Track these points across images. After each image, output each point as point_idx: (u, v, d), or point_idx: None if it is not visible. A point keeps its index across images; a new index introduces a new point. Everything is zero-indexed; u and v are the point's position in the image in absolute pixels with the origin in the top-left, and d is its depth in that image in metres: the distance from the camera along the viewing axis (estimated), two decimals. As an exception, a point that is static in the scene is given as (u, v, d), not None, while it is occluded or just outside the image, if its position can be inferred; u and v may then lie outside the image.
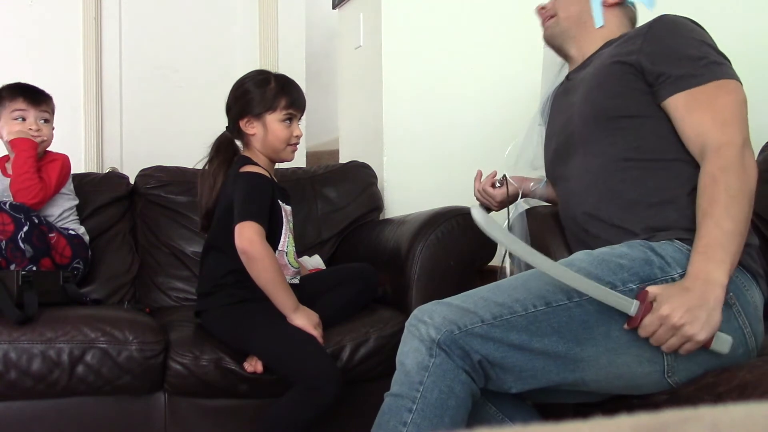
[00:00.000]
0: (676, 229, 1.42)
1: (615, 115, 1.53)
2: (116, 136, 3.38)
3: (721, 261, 1.29)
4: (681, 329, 1.26)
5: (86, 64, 3.30)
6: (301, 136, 2.02)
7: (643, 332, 1.29)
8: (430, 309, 1.35)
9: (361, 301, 2.08)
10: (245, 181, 1.89)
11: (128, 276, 2.38)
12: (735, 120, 1.40)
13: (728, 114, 1.41)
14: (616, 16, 1.71)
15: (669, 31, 1.51)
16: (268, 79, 1.99)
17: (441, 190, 2.54)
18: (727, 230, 1.30)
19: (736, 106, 1.42)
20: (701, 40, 1.50)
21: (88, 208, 2.40)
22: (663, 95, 1.48)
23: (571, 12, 1.72)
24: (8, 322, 1.80)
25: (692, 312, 1.25)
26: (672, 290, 1.28)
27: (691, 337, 1.26)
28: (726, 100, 1.42)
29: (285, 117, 1.97)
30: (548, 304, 1.33)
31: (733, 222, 1.31)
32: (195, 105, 3.37)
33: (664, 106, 1.48)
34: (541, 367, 1.33)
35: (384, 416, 1.34)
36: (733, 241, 1.30)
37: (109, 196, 2.45)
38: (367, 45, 2.79)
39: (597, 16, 1.70)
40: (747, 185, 1.34)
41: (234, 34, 3.57)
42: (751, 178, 1.35)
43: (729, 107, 1.41)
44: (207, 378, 1.85)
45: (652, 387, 1.38)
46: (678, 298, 1.26)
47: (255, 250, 1.79)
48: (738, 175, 1.34)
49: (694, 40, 1.49)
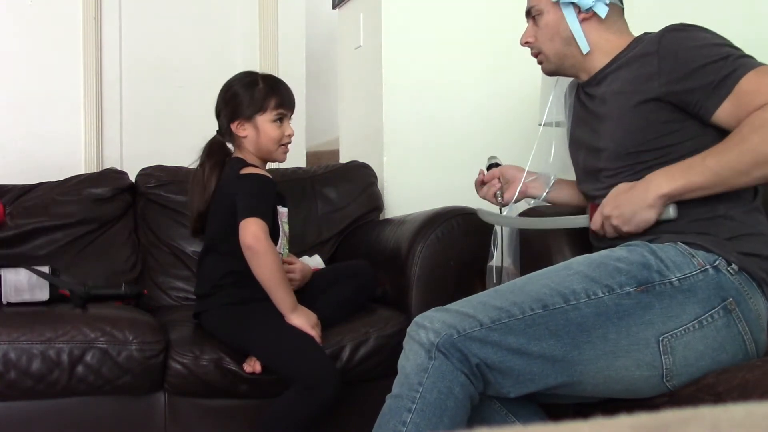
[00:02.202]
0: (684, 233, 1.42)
1: (645, 149, 1.49)
2: (116, 136, 3.37)
3: (675, 178, 1.37)
4: (609, 220, 1.45)
5: (86, 64, 3.29)
6: (293, 135, 2.01)
7: (594, 226, 1.49)
8: (431, 315, 1.37)
9: (358, 299, 2.08)
10: (251, 181, 1.90)
11: (131, 275, 2.37)
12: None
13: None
14: (604, 27, 1.61)
15: (681, 43, 1.46)
16: (255, 80, 1.99)
17: (441, 190, 2.54)
18: (707, 165, 1.35)
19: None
20: (714, 43, 1.45)
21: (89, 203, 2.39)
22: (709, 110, 1.42)
23: (556, 48, 1.64)
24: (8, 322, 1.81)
25: (620, 207, 1.43)
26: (618, 189, 1.43)
27: (616, 228, 1.44)
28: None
29: (276, 117, 1.96)
30: (545, 308, 1.34)
31: (719, 163, 1.34)
32: (195, 105, 3.37)
33: (715, 120, 1.43)
34: (539, 371, 1.34)
35: (384, 417, 1.36)
36: (704, 173, 1.35)
37: (110, 190, 2.45)
38: (367, 45, 2.79)
39: (582, 42, 1.61)
40: (763, 148, 1.32)
41: (234, 34, 3.57)
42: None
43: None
44: (207, 378, 1.85)
45: (650, 391, 1.38)
46: (615, 197, 1.43)
47: (259, 245, 1.80)
48: (762, 136, 1.32)
49: (709, 45, 1.44)
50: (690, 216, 1.43)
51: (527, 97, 2.53)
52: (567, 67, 1.66)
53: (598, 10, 1.59)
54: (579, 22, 1.60)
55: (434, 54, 2.69)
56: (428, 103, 2.68)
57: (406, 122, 2.67)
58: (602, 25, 1.61)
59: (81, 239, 2.37)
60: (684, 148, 1.45)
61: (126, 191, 2.48)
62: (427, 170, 2.67)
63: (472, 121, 2.71)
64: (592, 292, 1.35)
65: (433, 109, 2.69)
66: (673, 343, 1.33)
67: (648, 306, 1.34)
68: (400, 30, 2.67)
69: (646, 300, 1.34)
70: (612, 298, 1.34)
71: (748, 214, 1.46)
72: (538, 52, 1.68)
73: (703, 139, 1.44)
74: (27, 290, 2.00)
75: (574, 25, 1.60)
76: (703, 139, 1.44)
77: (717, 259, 1.38)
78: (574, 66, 1.65)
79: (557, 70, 1.69)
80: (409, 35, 2.68)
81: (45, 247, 2.33)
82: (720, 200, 1.43)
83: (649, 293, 1.35)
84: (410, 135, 2.67)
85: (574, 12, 1.60)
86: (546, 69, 1.70)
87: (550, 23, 1.63)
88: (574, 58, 1.63)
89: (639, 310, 1.34)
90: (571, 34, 1.61)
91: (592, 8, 1.59)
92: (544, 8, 1.63)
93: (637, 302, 1.34)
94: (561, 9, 1.61)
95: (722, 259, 1.38)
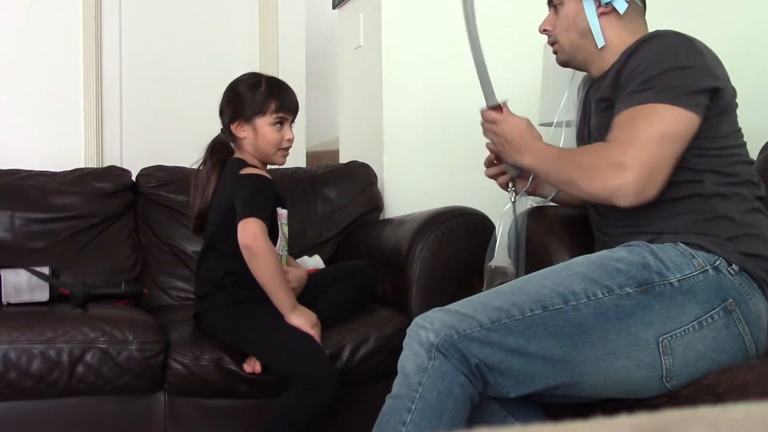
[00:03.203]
0: (682, 233, 1.42)
1: None
2: (116, 135, 3.37)
3: (535, 158, 1.56)
4: (493, 136, 1.66)
5: (86, 64, 3.29)
6: (293, 140, 1.99)
7: (484, 115, 1.68)
8: (431, 315, 1.37)
9: (358, 299, 2.08)
10: (250, 182, 1.90)
11: (132, 274, 2.37)
12: (644, 142, 1.40)
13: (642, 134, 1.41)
14: (622, 24, 1.61)
15: (646, 52, 1.48)
16: (259, 82, 1.98)
17: (441, 190, 2.54)
18: (549, 153, 1.55)
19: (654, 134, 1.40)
20: (675, 66, 1.44)
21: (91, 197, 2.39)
22: (615, 111, 1.48)
23: (572, 39, 1.64)
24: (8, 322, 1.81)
25: (503, 144, 1.63)
26: (516, 132, 1.60)
27: (493, 151, 1.70)
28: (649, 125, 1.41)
29: (275, 121, 1.95)
30: (545, 308, 1.34)
31: (557, 167, 1.53)
32: (195, 105, 3.37)
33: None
34: (538, 371, 1.34)
35: (384, 417, 1.36)
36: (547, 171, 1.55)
37: (113, 186, 2.45)
38: (367, 45, 2.79)
39: (597, 35, 1.61)
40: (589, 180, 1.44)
41: (234, 34, 3.57)
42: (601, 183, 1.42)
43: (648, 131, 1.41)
44: (207, 378, 1.85)
45: (650, 392, 1.38)
46: (509, 133, 1.60)
47: (258, 245, 1.79)
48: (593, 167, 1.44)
49: (666, 61, 1.45)
50: (690, 216, 1.44)
51: (527, 97, 2.53)
52: (579, 60, 1.66)
53: (618, 5, 1.59)
54: (597, 15, 1.61)
55: (434, 54, 2.69)
56: (428, 103, 2.68)
57: (406, 122, 2.67)
58: (620, 21, 1.61)
59: (81, 234, 2.36)
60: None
61: (128, 189, 2.48)
62: (427, 170, 2.67)
63: (473, 121, 2.70)
64: (592, 293, 1.35)
65: (433, 109, 2.68)
66: (673, 343, 1.33)
67: (648, 306, 1.34)
68: (400, 30, 2.67)
69: (646, 300, 1.34)
70: (612, 299, 1.34)
71: (749, 215, 1.46)
72: (555, 41, 1.69)
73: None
74: (27, 291, 2.00)
75: (592, 18, 1.60)
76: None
77: (717, 260, 1.38)
78: (585, 60, 1.65)
79: (569, 62, 1.69)
80: (409, 35, 2.67)
81: (43, 239, 2.32)
82: (720, 201, 1.43)
83: (648, 294, 1.35)
84: (410, 135, 2.67)
85: (593, 4, 1.61)
86: (559, 59, 1.71)
87: (570, 13, 1.63)
88: (587, 51, 1.63)
89: (639, 311, 1.34)
90: (588, 26, 1.61)
91: (611, 2, 1.59)
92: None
93: (637, 303, 1.34)
94: (581, 0, 1.61)
95: (723, 259, 1.38)
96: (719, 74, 1.48)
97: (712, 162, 1.46)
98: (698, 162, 1.45)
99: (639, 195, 1.39)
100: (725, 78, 1.50)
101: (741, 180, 1.47)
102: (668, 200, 1.45)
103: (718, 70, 1.49)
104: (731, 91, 1.52)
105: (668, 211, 1.45)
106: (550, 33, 1.69)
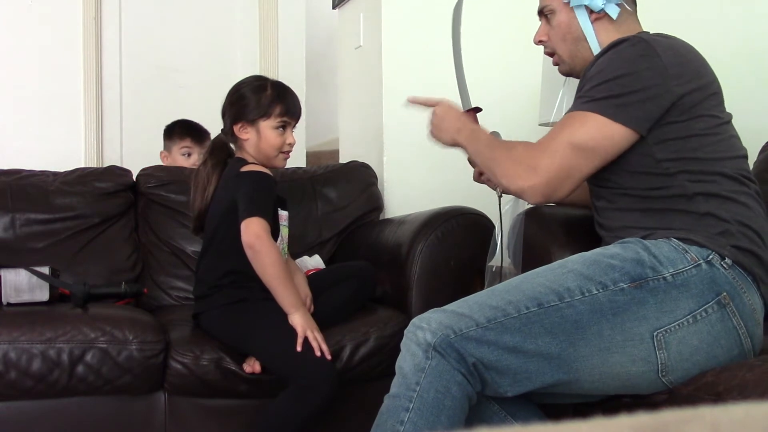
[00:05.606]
0: (675, 229, 1.43)
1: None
2: (116, 135, 3.38)
3: (462, 137, 1.65)
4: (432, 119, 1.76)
5: (86, 64, 3.30)
6: (294, 144, 2.00)
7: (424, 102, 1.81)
8: (428, 316, 1.38)
9: (359, 299, 2.08)
10: (251, 179, 1.90)
11: (132, 274, 2.37)
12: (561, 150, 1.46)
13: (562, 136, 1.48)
14: (615, 27, 1.59)
15: (602, 59, 1.49)
16: (264, 85, 1.99)
17: (441, 190, 2.54)
18: (481, 137, 1.62)
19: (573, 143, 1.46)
20: (619, 74, 1.45)
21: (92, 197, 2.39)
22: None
23: (569, 48, 1.63)
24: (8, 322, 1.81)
25: (438, 125, 1.73)
26: (451, 114, 1.70)
27: (432, 134, 1.78)
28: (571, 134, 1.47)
29: (279, 124, 1.96)
30: (540, 306, 1.35)
31: (486, 149, 1.60)
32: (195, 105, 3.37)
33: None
34: (535, 369, 1.35)
35: (382, 416, 1.37)
36: (475, 146, 1.63)
37: (113, 185, 2.45)
38: (367, 45, 2.79)
39: (593, 42, 1.60)
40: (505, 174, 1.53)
41: (234, 34, 3.58)
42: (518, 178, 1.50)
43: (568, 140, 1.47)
44: (207, 378, 1.85)
45: (647, 387, 1.39)
46: (443, 117, 1.71)
47: (261, 244, 1.80)
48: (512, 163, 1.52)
49: (613, 70, 1.46)
50: (679, 214, 1.45)
51: (527, 97, 2.53)
52: (579, 69, 1.64)
53: (609, 10, 1.59)
54: (591, 22, 1.60)
55: (434, 54, 2.69)
56: (428, 103, 2.68)
57: (406, 122, 2.67)
58: (613, 25, 1.60)
59: (81, 234, 2.36)
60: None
61: (129, 189, 2.48)
62: (427, 170, 2.67)
63: (472, 121, 2.70)
64: (587, 290, 1.36)
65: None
66: (668, 338, 1.34)
67: (642, 302, 1.35)
68: (400, 30, 2.67)
69: (640, 296, 1.35)
70: (606, 295, 1.35)
71: (737, 211, 1.44)
72: (552, 52, 1.68)
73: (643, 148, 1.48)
74: (27, 291, 2.00)
75: (586, 26, 1.60)
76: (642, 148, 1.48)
77: (710, 254, 1.38)
78: (584, 67, 1.63)
79: (571, 72, 1.68)
80: (409, 35, 2.67)
81: (44, 239, 2.32)
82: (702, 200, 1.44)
83: (642, 289, 1.35)
84: (410, 135, 2.67)
85: (585, 12, 1.60)
86: (562, 70, 1.71)
87: (562, 23, 1.63)
88: (584, 58, 1.62)
89: (633, 306, 1.35)
90: (582, 34, 1.61)
91: (603, 9, 1.59)
92: (556, 8, 1.63)
93: (631, 298, 1.35)
94: (573, 9, 1.61)
95: (715, 253, 1.38)
96: (681, 75, 1.45)
97: (687, 163, 1.45)
98: (671, 165, 1.45)
99: (546, 197, 1.51)
100: (695, 76, 1.47)
101: (725, 177, 1.45)
102: (658, 198, 1.46)
103: (679, 70, 1.45)
104: (708, 87, 1.48)
105: (660, 210, 1.47)
106: (546, 43, 1.68)
